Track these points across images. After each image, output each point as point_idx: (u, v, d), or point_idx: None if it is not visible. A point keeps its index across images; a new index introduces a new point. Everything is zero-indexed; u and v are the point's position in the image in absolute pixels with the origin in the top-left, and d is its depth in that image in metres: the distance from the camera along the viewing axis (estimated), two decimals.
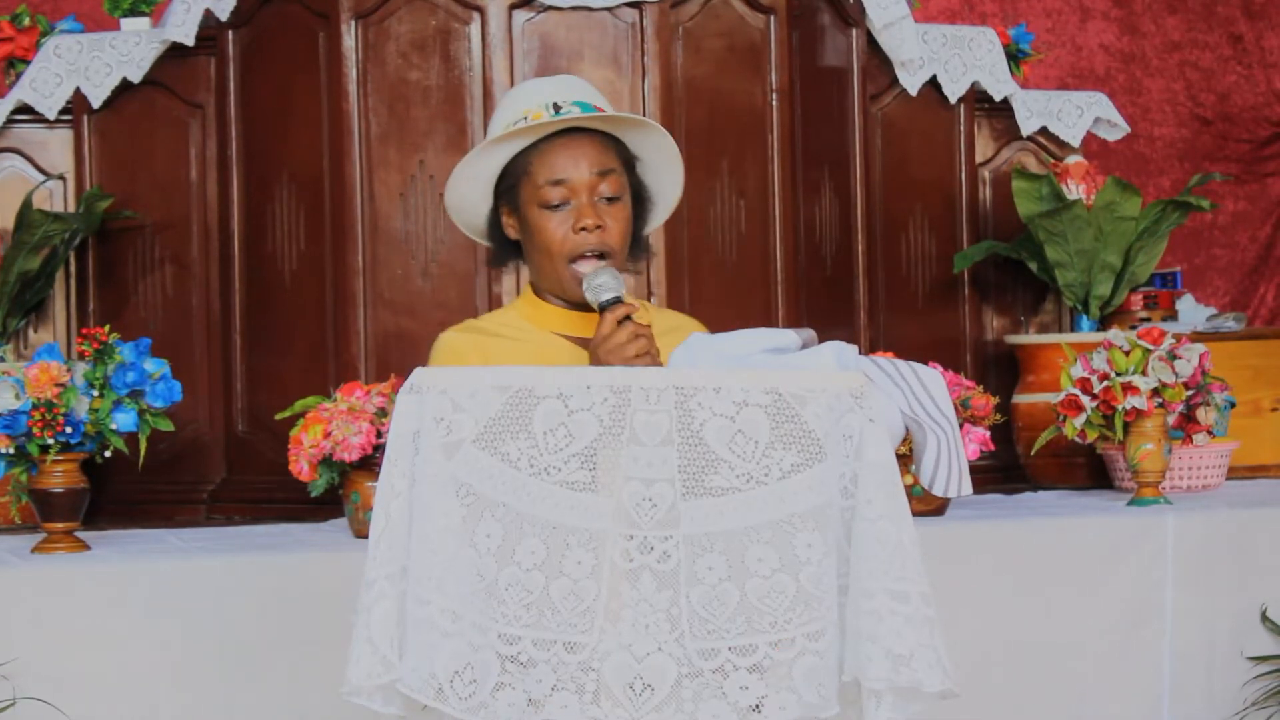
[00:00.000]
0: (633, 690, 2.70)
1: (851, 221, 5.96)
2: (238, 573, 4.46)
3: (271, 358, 5.51)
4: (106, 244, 5.73)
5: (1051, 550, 4.99)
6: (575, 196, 3.10)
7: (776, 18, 5.59)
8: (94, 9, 6.16)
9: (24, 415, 4.46)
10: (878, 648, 2.72)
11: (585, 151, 3.11)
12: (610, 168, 3.12)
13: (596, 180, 3.11)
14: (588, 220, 3.09)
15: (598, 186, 3.11)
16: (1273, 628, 5.11)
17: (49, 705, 4.22)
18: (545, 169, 3.11)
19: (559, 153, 3.11)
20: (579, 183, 3.10)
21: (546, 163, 3.11)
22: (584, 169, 3.10)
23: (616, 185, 3.12)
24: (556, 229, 3.11)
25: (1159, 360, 5.23)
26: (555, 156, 3.11)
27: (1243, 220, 8.03)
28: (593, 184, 3.11)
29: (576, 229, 3.09)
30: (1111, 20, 7.94)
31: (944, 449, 2.91)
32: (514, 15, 5.36)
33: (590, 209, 3.10)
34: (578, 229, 3.09)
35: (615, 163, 3.13)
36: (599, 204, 3.11)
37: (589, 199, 3.10)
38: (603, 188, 3.11)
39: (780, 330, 3.00)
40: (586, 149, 3.11)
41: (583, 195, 3.10)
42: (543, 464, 2.72)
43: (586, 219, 3.09)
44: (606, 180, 3.11)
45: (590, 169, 3.10)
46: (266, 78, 5.52)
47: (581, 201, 3.10)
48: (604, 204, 3.11)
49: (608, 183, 3.12)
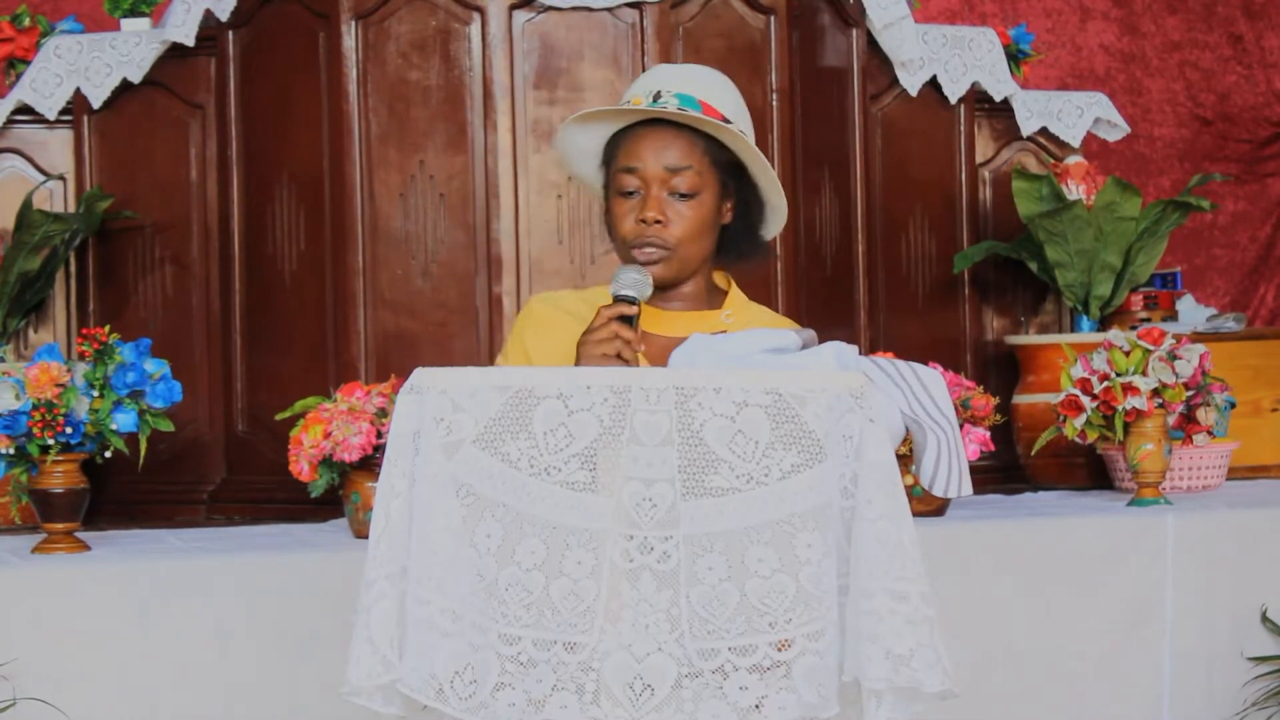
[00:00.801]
0: (633, 690, 2.70)
1: (851, 221, 5.96)
2: (238, 573, 4.46)
3: (271, 358, 5.51)
4: (106, 244, 5.73)
5: (1051, 550, 4.99)
6: (646, 187, 3.09)
7: (776, 18, 5.59)
8: (94, 9, 6.16)
9: (24, 415, 4.46)
10: (878, 648, 2.72)
11: (664, 144, 3.09)
12: (687, 165, 3.09)
13: (668, 175, 3.08)
14: (649, 213, 3.07)
15: (669, 181, 3.08)
16: (1273, 628, 5.11)
17: (49, 705, 4.22)
18: (625, 155, 3.10)
19: (639, 142, 3.10)
20: (650, 174, 3.08)
21: (627, 150, 3.10)
22: (657, 162, 3.08)
23: (692, 183, 3.09)
24: (625, 216, 3.10)
25: (1159, 360, 5.24)
26: (635, 145, 3.10)
27: (1243, 220, 8.03)
28: (664, 178, 3.08)
29: (638, 219, 3.09)
30: (1111, 20, 7.94)
31: (944, 449, 2.91)
32: (514, 15, 5.36)
33: (656, 202, 3.08)
34: (639, 219, 3.09)
35: (698, 160, 3.09)
36: (669, 199, 3.08)
37: (658, 192, 3.08)
38: (675, 182, 3.08)
39: (780, 331, 3.00)
40: (667, 142, 3.09)
41: (653, 187, 3.08)
42: (543, 464, 2.72)
43: (649, 211, 3.07)
44: (680, 176, 3.08)
45: (663, 162, 3.08)
46: (266, 78, 5.52)
47: (650, 193, 3.09)
48: (675, 199, 3.08)
49: (681, 178, 3.08)
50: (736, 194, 3.14)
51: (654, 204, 3.08)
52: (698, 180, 3.09)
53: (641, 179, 3.09)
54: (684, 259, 3.10)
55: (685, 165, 3.08)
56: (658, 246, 3.08)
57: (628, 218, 3.10)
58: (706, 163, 3.10)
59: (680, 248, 3.09)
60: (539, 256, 5.34)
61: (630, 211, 3.09)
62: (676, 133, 3.09)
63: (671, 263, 3.09)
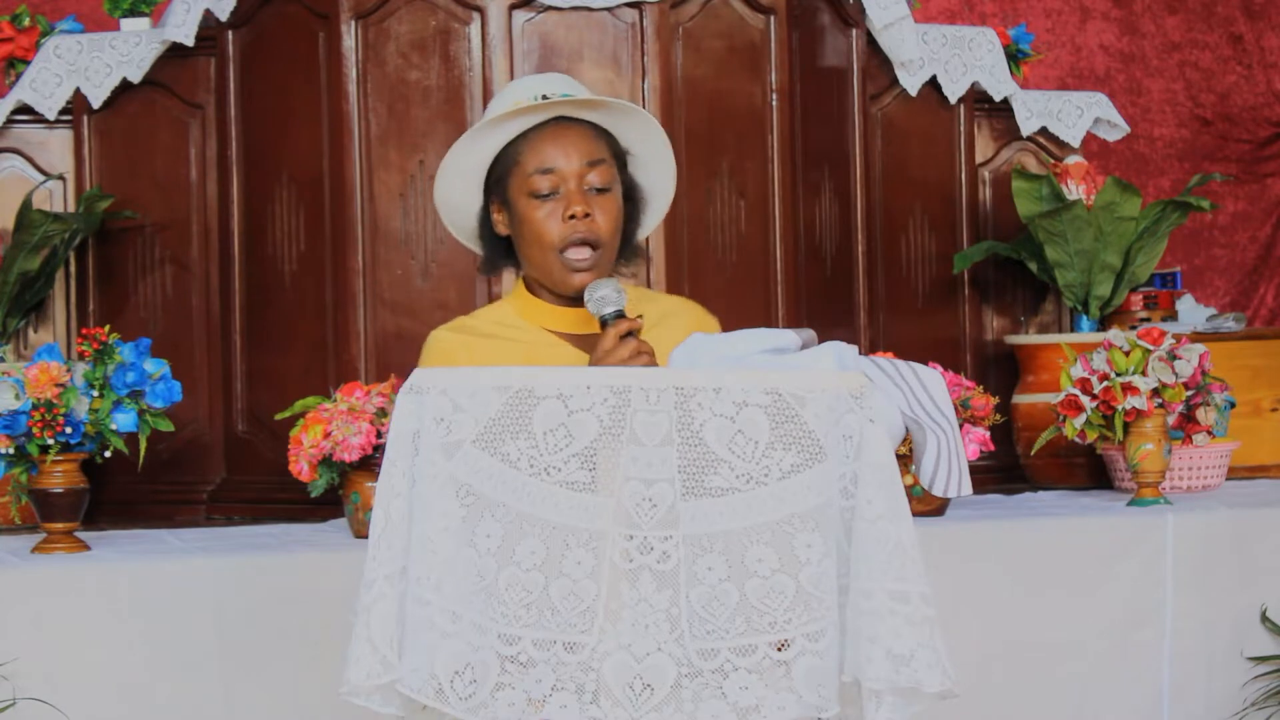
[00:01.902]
0: (632, 690, 2.70)
1: (851, 221, 5.96)
2: (238, 573, 4.46)
3: (271, 358, 5.51)
4: (106, 244, 5.73)
5: (1051, 550, 4.99)
6: (564, 185, 3.10)
7: (776, 18, 5.59)
8: (94, 9, 6.16)
9: (24, 415, 4.46)
10: (878, 648, 2.72)
11: (574, 140, 3.11)
12: (600, 158, 3.12)
13: (585, 169, 3.11)
14: (577, 208, 3.09)
15: (586, 175, 3.11)
16: (1272, 628, 5.11)
17: (49, 705, 4.22)
18: (534, 158, 3.10)
19: (548, 142, 3.11)
20: (568, 171, 3.10)
21: (535, 151, 3.11)
22: (573, 158, 3.10)
23: (606, 176, 3.12)
24: (546, 219, 3.11)
25: (1159, 360, 5.24)
26: (544, 145, 3.11)
27: (1243, 220, 8.03)
28: (581, 173, 3.11)
29: (565, 217, 3.09)
30: (1111, 20, 7.94)
31: (944, 449, 2.91)
32: (514, 15, 5.36)
33: (580, 197, 3.10)
34: (566, 217, 3.09)
35: (605, 154, 3.14)
36: (588, 194, 3.11)
37: (578, 188, 3.10)
38: (591, 177, 3.11)
39: (780, 330, 3.00)
40: (575, 138, 3.12)
41: (571, 183, 3.10)
42: (543, 464, 2.72)
43: (576, 206, 3.09)
44: (596, 170, 3.11)
45: (579, 158, 3.10)
46: (266, 78, 5.52)
47: (570, 189, 3.10)
48: (593, 194, 3.11)
49: (597, 173, 3.11)
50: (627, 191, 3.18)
51: (578, 199, 3.10)
52: (609, 173, 3.13)
53: (559, 177, 3.10)
54: (610, 255, 3.14)
55: (599, 159, 3.12)
56: (589, 244, 3.09)
57: (551, 219, 3.10)
58: (611, 157, 3.14)
59: (608, 242, 3.13)
60: None
61: (552, 214, 3.10)
62: (580, 129, 3.12)
63: (602, 261, 3.13)
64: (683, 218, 5.40)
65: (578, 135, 3.12)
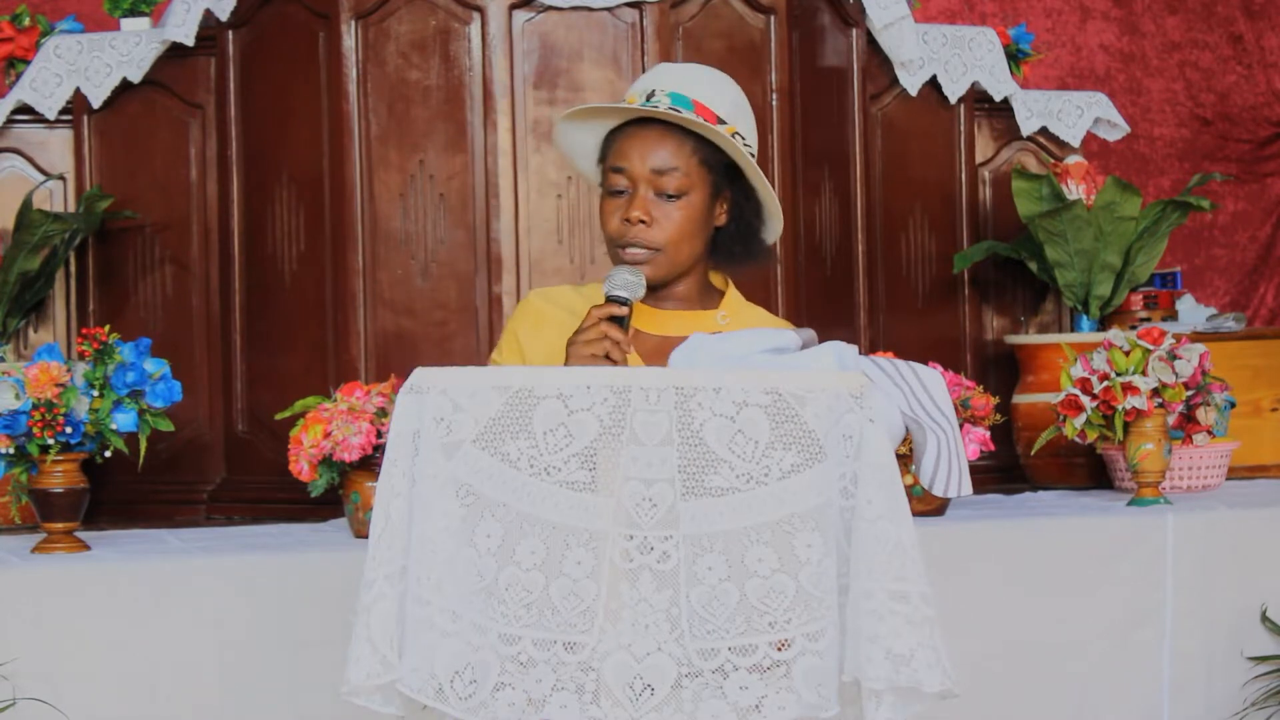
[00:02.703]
0: (632, 690, 2.70)
1: (851, 221, 5.96)
2: (238, 573, 4.46)
3: (271, 358, 5.51)
4: (106, 244, 5.73)
5: (1051, 550, 4.99)
6: (633, 187, 3.08)
7: (776, 18, 5.59)
8: (94, 9, 6.16)
9: (24, 415, 4.46)
10: (878, 648, 2.72)
11: (653, 144, 3.08)
12: (674, 166, 3.08)
13: (655, 176, 3.07)
14: (633, 213, 3.07)
15: (656, 181, 3.07)
16: (1273, 628, 5.11)
17: (49, 705, 4.22)
18: (614, 155, 3.10)
19: (628, 141, 3.10)
20: (636, 174, 3.08)
21: (617, 149, 3.10)
22: (644, 162, 3.07)
23: (679, 184, 3.08)
24: (610, 215, 3.10)
25: (1159, 360, 5.23)
26: (624, 144, 3.10)
27: (1243, 220, 8.03)
28: (650, 178, 3.07)
29: (624, 218, 3.08)
30: (1111, 20, 7.94)
31: (944, 449, 2.91)
32: (514, 15, 5.36)
33: (641, 202, 3.07)
34: (624, 219, 3.08)
35: (685, 161, 3.08)
36: (656, 199, 3.08)
37: (645, 192, 3.08)
38: (662, 182, 3.07)
39: (780, 330, 3.00)
40: (656, 142, 3.09)
41: (640, 187, 3.08)
42: (543, 464, 2.72)
43: (633, 211, 3.07)
44: (667, 176, 3.07)
45: (650, 163, 3.07)
46: (266, 78, 5.52)
47: (637, 193, 3.08)
48: (662, 200, 3.08)
49: (668, 179, 3.07)
50: (731, 196, 3.14)
51: (639, 204, 3.07)
52: (685, 181, 3.08)
53: (629, 179, 3.08)
54: (673, 259, 3.10)
55: (672, 166, 3.08)
56: (642, 247, 3.08)
57: (614, 216, 3.09)
58: (695, 164, 3.09)
59: (668, 248, 3.09)
60: (539, 256, 5.34)
61: (617, 210, 3.09)
62: (665, 133, 3.08)
63: (660, 263, 3.09)
64: None
65: (660, 139, 3.09)
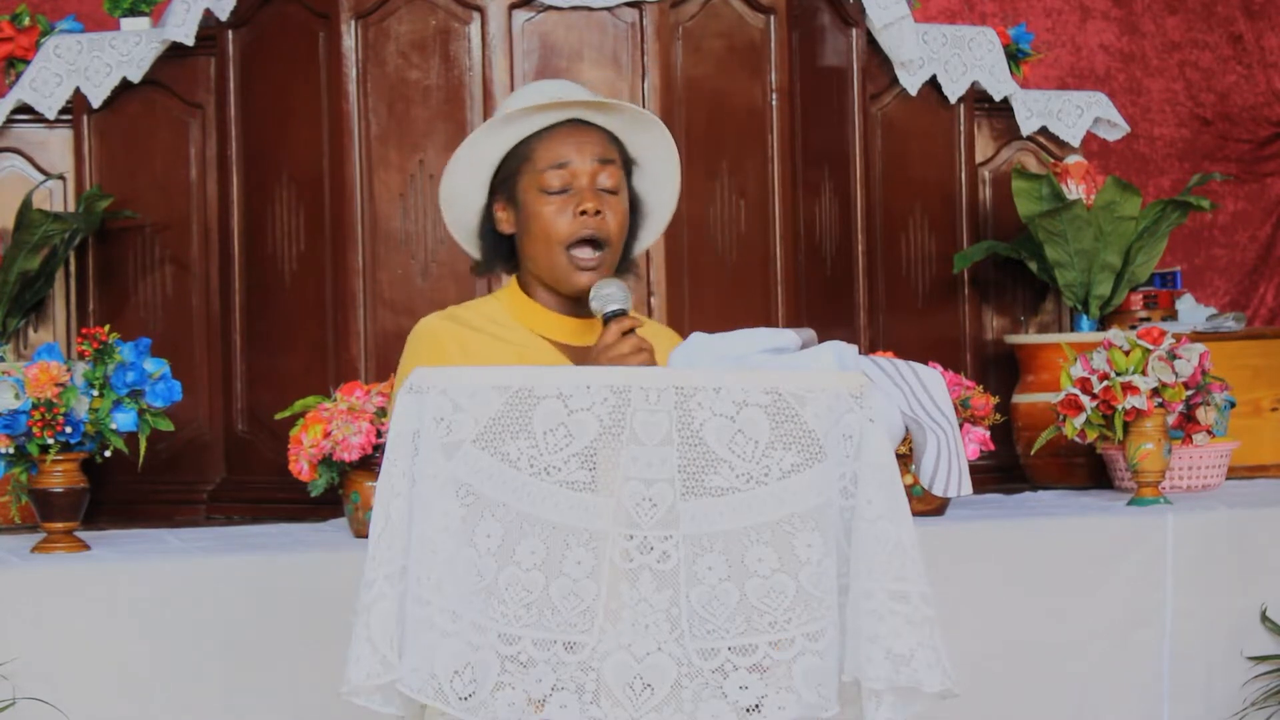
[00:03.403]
0: (632, 690, 2.70)
1: (851, 221, 5.96)
2: (238, 573, 4.46)
3: (271, 358, 5.51)
4: (106, 244, 5.73)
5: (1051, 550, 4.99)
6: (575, 182, 3.11)
7: (776, 18, 5.59)
8: (94, 9, 6.16)
9: (24, 415, 4.46)
10: (877, 648, 2.72)
11: (588, 140, 3.12)
12: (611, 158, 3.13)
13: (598, 168, 3.12)
14: (588, 204, 3.10)
15: (598, 175, 3.12)
16: (1272, 628, 5.11)
17: (49, 705, 4.22)
18: (548, 154, 3.11)
19: (563, 139, 3.12)
20: (580, 169, 3.11)
21: (550, 148, 3.12)
22: (587, 155, 3.11)
23: (616, 178, 3.13)
24: (556, 214, 3.11)
25: (1159, 360, 5.24)
26: (559, 143, 3.12)
27: (1243, 220, 8.03)
28: (594, 171, 3.11)
29: (576, 213, 3.10)
30: (1111, 20, 7.94)
31: (944, 449, 2.91)
32: (514, 15, 5.36)
33: (591, 194, 3.11)
34: (577, 213, 3.10)
35: (615, 156, 3.15)
36: (599, 193, 3.11)
37: (590, 185, 3.11)
38: (602, 177, 3.12)
39: (780, 330, 3.00)
40: (589, 138, 3.13)
41: (583, 180, 3.11)
42: (543, 464, 2.72)
43: (587, 203, 3.10)
44: (607, 170, 3.12)
45: (593, 156, 3.11)
46: (266, 78, 5.52)
47: (582, 186, 3.11)
48: (604, 194, 3.12)
49: (608, 173, 3.12)
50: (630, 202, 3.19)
51: (590, 196, 3.11)
52: (619, 176, 3.15)
53: (571, 174, 3.11)
54: (614, 257, 3.14)
55: (611, 159, 3.13)
56: (597, 242, 3.09)
57: (561, 215, 3.11)
58: (620, 161, 3.15)
59: (614, 242, 3.13)
60: None
61: (562, 209, 3.11)
62: (593, 130, 3.14)
63: (605, 262, 3.12)
64: (683, 218, 5.37)
65: (591, 135, 3.14)
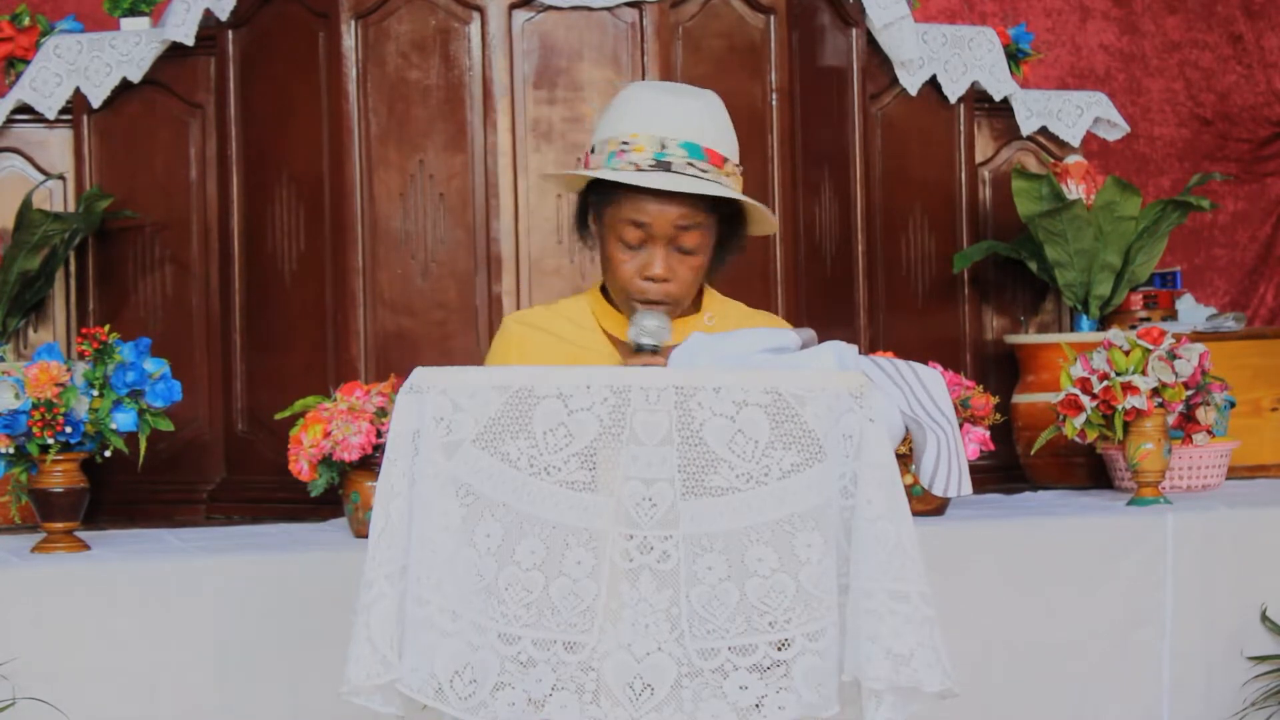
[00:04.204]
0: (632, 690, 2.70)
1: (851, 221, 5.96)
2: (238, 573, 4.46)
3: (271, 358, 5.51)
4: (106, 244, 5.73)
5: (1051, 550, 4.99)
6: (652, 243, 3.06)
7: (776, 18, 5.59)
8: (94, 9, 6.16)
9: (24, 415, 4.46)
10: (877, 647, 2.72)
11: (674, 203, 3.04)
12: (696, 222, 3.05)
13: (677, 233, 3.05)
14: (656, 271, 3.05)
15: (677, 239, 3.05)
16: (1273, 628, 5.11)
17: (49, 705, 4.22)
18: (631, 208, 3.04)
19: (649, 197, 3.04)
20: (657, 231, 3.04)
21: (635, 202, 3.04)
22: (665, 220, 3.04)
23: (696, 240, 3.06)
24: (626, 266, 3.06)
25: (1159, 360, 5.23)
26: (644, 199, 3.04)
27: (1243, 220, 8.03)
28: (672, 236, 3.05)
29: (644, 275, 3.06)
30: (1111, 20, 7.94)
31: (944, 449, 2.91)
32: (514, 15, 5.36)
33: (663, 260, 3.05)
34: (645, 275, 3.06)
35: (704, 216, 3.06)
36: (674, 253, 3.06)
37: (664, 248, 3.05)
38: (682, 240, 3.05)
39: (780, 330, 3.00)
40: (677, 200, 3.04)
41: (659, 244, 3.05)
42: (543, 464, 2.72)
43: (656, 269, 3.05)
44: (688, 234, 3.05)
45: (672, 221, 3.04)
46: (266, 78, 5.52)
47: (656, 250, 3.06)
48: (678, 253, 3.06)
49: (688, 236, 3.05)
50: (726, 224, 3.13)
51: (661, 262, 3.05)
52: (701, 237, 3.07)
53: (648, 234, 3.05)
54: (684, 303, 3.11)
55: (693, 224, 3.05)
56: (660, 302, 3.07)
57: (628, 268, 3.07)
58: (707, 217, 3.07)
59: (679, 301, 3.10)
60: (538, 256, 5.33)
61: (633, 263, 3.07)
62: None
63: (674, 309, 3.10)
64: None
65: (681, 196, 3.04)
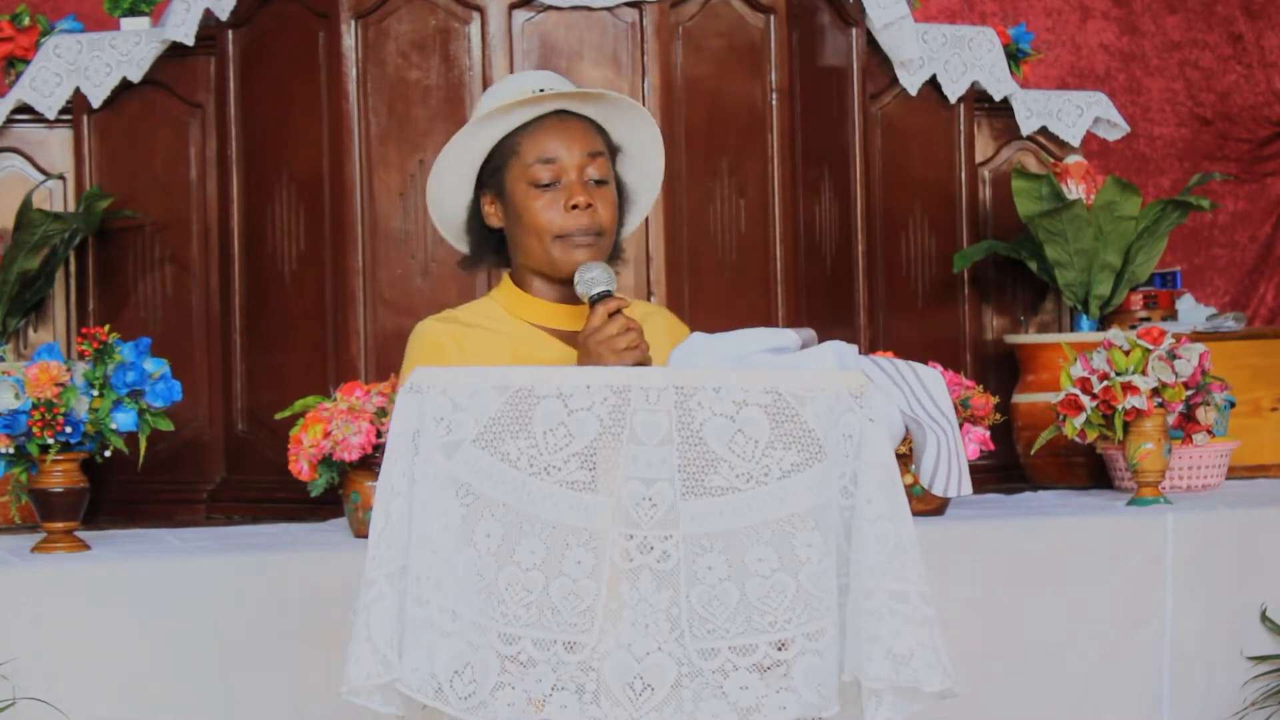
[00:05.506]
0: (632, 690, 2.70)
1: (851, 221, 5.96)
2: (238, 573, 4.46)
3: (271, 358, 5.51)
4: (106, 244, 5.73)
5: (1051, 550, 4.99)
6: (565, 176, 3.12)
7: (776, 17, 5.59)
8: (94, 9, 6.16)
9: (24, 415, 4.46)
10: (877, 647, 2.72)
11: (575, 132, 3.13)
12: (599, 150, 3.14)
13: (586, 161, 3.12)
14: (579, 198, 3.10)
15: (587, 168, 3.12)
16: (1272, 628, 5.11)
17: (49, 705, 4.22)
18: (535, 148, 3.11)
19: (549, 132, 3.12)
20: (569, 162, 3.12)
21: (537, 142, 3.12)
22: (575, 149, 3.12)
23: (605, 168, 3.14)
24: (546, 208, 3.11)
25: (1159, 360, 5.23)
26: (546, 136, 3.12)
27: (1243, 220, 8.03)
28: (583, 164, 3.12)
29: (568, 207, 3.10)
30: (1111, 20, 7.94)
31: (944, 449, 2.91)
32: (514, 15, 5.36)
33: (581, 188, 3.11)
34: (569, 207, 3.10)
35: (602, 147, 3.15)
36: (589, 185, 3.12)
37: (579, 179, 3.12)
38: (591, 170, 3.12)
39: (780, 330, 3.00)
40: (576, 130, 3.13)
41: (573, 174, 3.12)
42: (542, 464, 2.72)
43: (578, 197, 3.10)
44: (595, 163, 3.13)
45: (581, 150, 3.12)
46: (266, 78, 5.52)
47: (571, 180, 3.11)
48: (593, 186, 3.12)
49: (596, 165, 3.13)
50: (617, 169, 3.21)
51: (580, 190, 3.12)
52: (607, 166, 3.15)
53: (560, 168, 3.12)
54: (607, 246, 3.15)
55: (599, 150, 3.14)
56: (590, 234, 3.10)
57: (551, 209, 3.11)
58: (607, 150, 3.16)
59: (606, 233, 3.14)
60: None
61: (552, 203, 3.11)
62: (579, 122, 3.14)
63: (601, 248, 3.14)
64: (683, 217, 5.40)
65: (578, 127, 3.14)
